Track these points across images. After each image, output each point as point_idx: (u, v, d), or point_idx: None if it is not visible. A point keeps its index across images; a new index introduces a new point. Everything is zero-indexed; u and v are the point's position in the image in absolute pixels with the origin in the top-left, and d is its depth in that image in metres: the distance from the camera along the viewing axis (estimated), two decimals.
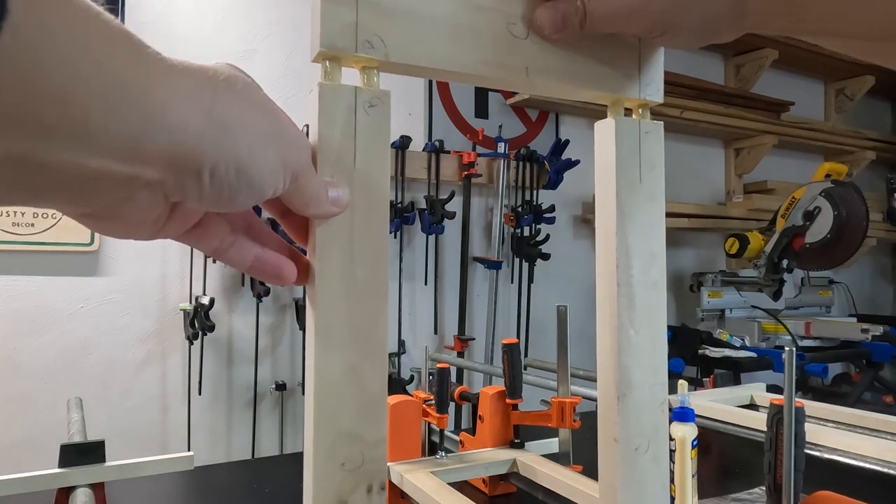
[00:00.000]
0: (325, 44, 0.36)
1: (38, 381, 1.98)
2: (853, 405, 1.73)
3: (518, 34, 0.40)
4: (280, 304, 2.33)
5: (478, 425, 1.06)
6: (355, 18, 0.36)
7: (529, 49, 0.41)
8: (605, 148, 0.45)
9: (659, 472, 0.45)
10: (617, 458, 0.44)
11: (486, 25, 0.40)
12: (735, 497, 0.97)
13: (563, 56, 0.42)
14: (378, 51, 0.37)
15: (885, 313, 3.99)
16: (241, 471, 1.24)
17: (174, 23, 2.18)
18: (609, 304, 0.44)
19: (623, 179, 0.44)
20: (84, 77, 0.24)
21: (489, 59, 0.40)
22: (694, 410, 0.84)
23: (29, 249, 1.96)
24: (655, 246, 0.45)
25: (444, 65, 0.39)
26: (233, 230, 0.37)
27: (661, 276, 0.45)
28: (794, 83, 3.76)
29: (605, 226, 0.45)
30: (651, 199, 0.45)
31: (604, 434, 0.45)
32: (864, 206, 2.56)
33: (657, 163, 0.46)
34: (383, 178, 0.38)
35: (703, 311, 2.90)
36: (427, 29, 0.38)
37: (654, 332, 0.45)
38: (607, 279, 0.45)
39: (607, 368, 0.44)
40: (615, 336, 0.44)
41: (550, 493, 0.89)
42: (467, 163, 2.55)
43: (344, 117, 0.37)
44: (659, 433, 0.45)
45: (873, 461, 1.00)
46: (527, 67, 0.41)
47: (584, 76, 0.43)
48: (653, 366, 0.45)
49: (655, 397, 0.45)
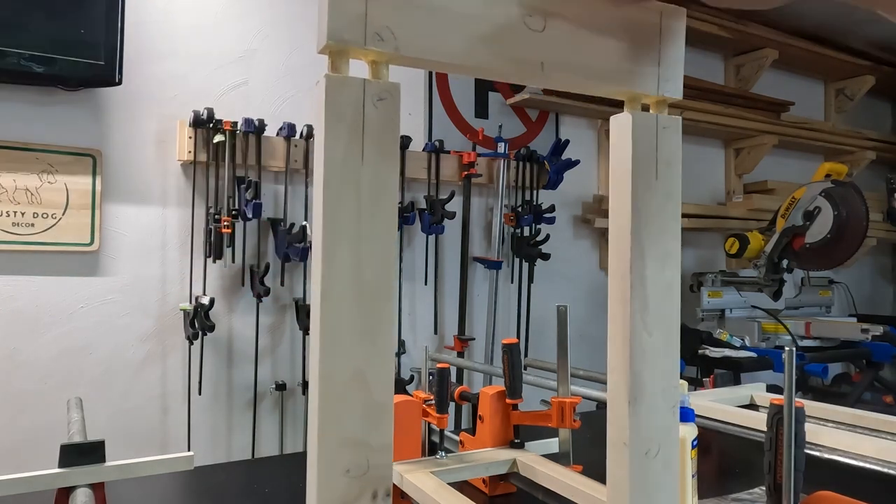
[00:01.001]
0: (332, 36, 0.34)
1: (38, 381, 1.98)
2: (853, 405, 1.74)
3: (535, 27, 0.38)
4: (280, 304, 2.33)
5: (478, 425, 1.06)
6: (364, 9, 0.35)
7: (546, 43, 0.39)
8: (620, 143, 0.43)
9: (669, 476, 0.44)
10: (626, 462, 0.43)
11: (501, 18, 0.38)
12: (735, 497, 0.97)
13: (581, 50, 0.40)
14: (388, 44, 0.35)
15: (885, 313, 3.99)
16: (241, 471, 1.24)
17: (174, 22, 2.17)
18: (622, 305, 0.43)
19: (639, 177, 0.43)
20: None
21: (504, 52, 0.38)
22: (694, 410, 0.84)
23: (29, 249, 1.96)
24: (671, 246, 0.44)
25: (457, 59, 0.37)
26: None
27: (676, 276, 0.44)
28: (794, 83, 3.76)
29: (619, 224, 0.43)
30: (667, 197, 0.44)
31: (613, 437, 0.44)
32: (864, 206, 2.56)
33: (674, 160, 0.44)
34: (393, 176, 0.36)
35: (703, 311, 2.90)
36: (439, 21, 0.36)
37: (668, 335, 0.44)
38: (620, 280, 0.43)
39: (618, 372, 0.43)
40: (627, 339, 0.42)
41: (550, 493, 0.89)
42: (467, 163, 2.55)
43: (352, 111, 0.35)
44: (670, 437, 0.44)
45: (873, 461, 1.00)
46: (542, 62, 0.39)
47: (601, 71, 0.41)
48: (666, 370, 0.44)
49: (667, 401, 0.44)
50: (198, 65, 2.21)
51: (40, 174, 1.97)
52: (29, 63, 1.81)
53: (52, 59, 1.83)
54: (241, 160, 2.16)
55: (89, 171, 2.03)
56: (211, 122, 2.09)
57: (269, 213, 2.26)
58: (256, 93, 2.31)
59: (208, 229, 2.13)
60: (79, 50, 1.87)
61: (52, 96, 1.99)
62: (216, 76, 2.24)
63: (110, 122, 2.09)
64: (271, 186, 2.29)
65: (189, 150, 2.10)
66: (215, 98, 2.22)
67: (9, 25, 1.79)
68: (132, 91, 2.09)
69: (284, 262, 2.26)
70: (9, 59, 1.78)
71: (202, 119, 2.08)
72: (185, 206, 2.16)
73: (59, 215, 1.99)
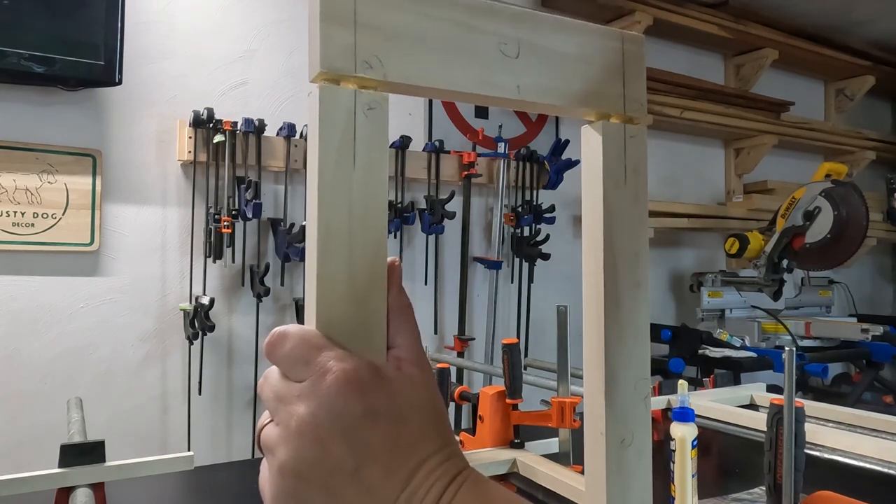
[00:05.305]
0: (324, 65, 0.37)
1: (38, 381, 1.98)
2: (853, 405, 1.74)
3: (509, 54, 0.42)
4: (280, 305, 2.33)
5: (478, 425, 1.06)
6: (353, 40, 0.38)
7: (520, 68, 0.42)
8: (591, 152, 0.47)
9: (642, 464, 0.47)
10: (603, 451, 0.46)
11: (479, 46, 0.41)
12: (735, 497, 0.98)
13: (552, 74, 0.44)
14: (377, 71, 0.38)
15: (885, 313, 3.99)
16: (241, 471, 1.24)
17: (174, 22, 2.17)
18: (595, 302, 0.46)
19: (609, 182, 0.46)
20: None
21: (483, 77, 0.41)
22: (694, 410, 0.84)
23: (29, 249, 1.96)
24: (639, 246, 0.47)
25: (440, 84, 0.40)
26: None
27: (645, 275, 0.47)
28: (794, 83, 3.76)
29: (592, 227, 0.47)
30: (635, 200, 0.47)
31: (590, 428, 0.47)
32: (864, 206, 2.56)
33: (641, 165, 0.48)
34: (382, 179, 0.39)
35: (703, 311, 2.90)
36: (423, 50, 0.40)
37: (637, 330, 0.47)
38: (594, 278, 0.46)
39: (593, 365, 0.46)
40: (602, 333, 0.45)
41: (550, 493, 0.89)
42: (467, 163, 2.55)
43: (343, 120, 0.38)
44: (643, 427, 0.47)
45: (873, 461, 1.00)
46: (518, 86, 0.42)
47: (571, 94, 0.45)
48: (637, 362, 0.47)
49: (639, 392, 0.47)
50: (198, 65, 2.21)
51: (40, 174, 1.97)
52: (29, 63, 1.81)
53: (52, 59, 1.83)
54: (241, 160, 2.16)
55: (89, 171, 2.03)
56: (211, 122, 2.09)
57: (269, 213, 2.26)
58: (256, 93, 2.31)
59: (208, 229, 2.13)
60: (79, 50, 1.87)
61: (52, 96, 1.99)
62: (216, 76, 2.24)
63: (110, 122, 2.09)
64: (271, 186, 2.29)
65: (189, 150, 2.10)
66: (215, 98, 2.22)
67: (9, 25, 1.79)
68: (132, 91, 2.09)
69: (284, 262, 2.26)
70: (9, 59, 1.78)
71: (202, 119, 2.08)
72: (185, 206, 2.16)
73: (59, 215, 1.99)
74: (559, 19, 0.45)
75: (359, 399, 0.35)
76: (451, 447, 0.37)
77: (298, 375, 0.36)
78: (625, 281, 0.46)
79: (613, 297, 0.46)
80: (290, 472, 0.34)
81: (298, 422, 0.34)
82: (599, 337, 0.46)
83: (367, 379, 0.35)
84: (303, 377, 0.36)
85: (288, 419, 0.35)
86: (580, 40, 0.45)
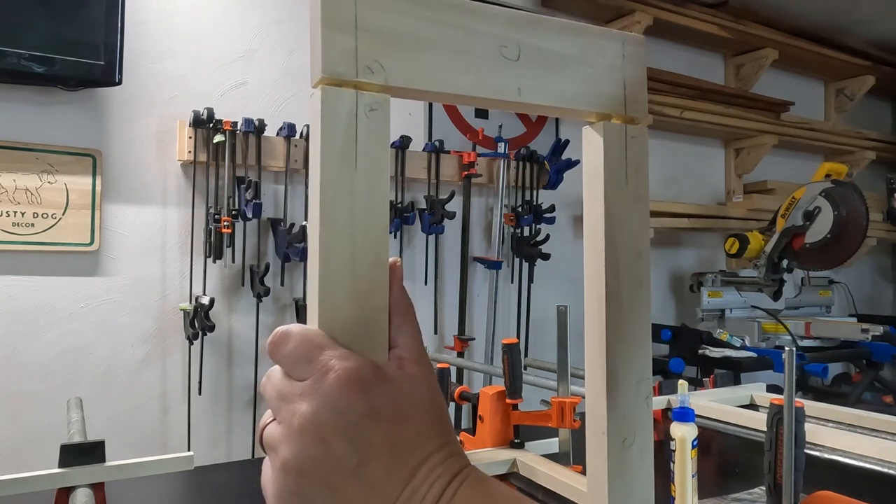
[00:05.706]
0: (326, 70, 0.37)
1: (38, 381, 1.98)
2: (853, 405, 1.74)
3: (510, 56, 0.42)
4: (280, 305, 2.33)
5: (478, 425, 1.06)
6: (355, 45, 0.38)
7: (521, 70, 0.43)
8: (592, 153, 0.47)
9: (644, 464, 0.47)
10: (605, 450, 0.46)
11: (480, 49, 0.41)
12: (735, 497, 0.98)
13: (552, 78, 0.44)
14: (378, 76, 0.38)
15: (885, 313, 3.99)
16: (241, 471, 1.24)
17: (174, 22, 2.17)
18: (597, 302, 0.46)
19: (610, 182, 0.46)
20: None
21: (484, 80, 0.42)
22: (694, 410, 0.84)
23: (29, 249, 1.96)
24: (641, 246, 0.47)
25: (441, 88, 0.40)
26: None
27: (646, 274, 0.48)
28: (794, 83, 3.76)
29: (594, 227, 0.47)
30: (637, 200, 0.47)
31: (592, 427, 0.47)
32: (864, 206, 2.56)
33: (642, 165, 0.48)
34: (383, 179, 0.39)
35: (703, 311, 2.90)
36: (424, 54, 0.40)
37: (639, 330, 0.47)
38: (595, 278, 0.47)
39: (595, 365, 0.47)
40: (603, 333, 0.46)
41: (550, 493, 0.89)
42: (467, 163, 2.55)
43: (345, 120, 0.38)
44: (645, 426, 0.47)
45: (873, 461, 1.00)
46: (519, 88, 0.43)
47: (572, 96, 0.45)
48: (638, 362, 0.47)
49: (641, 392, 0.47)
50: (198, 65, 2.21)
51: (40, 174, 1.97)
52: (29, 63, 1.81)
53: (52, 59, 1.83)
54: (241, 160, 2.16)
55: (89, 171, 2.03)
56: (211, 122, 2.09)
57: (269, 213, 2.26)
58: (256, 93, 2.31)
59: (208, 229, 2.13)
60: (79, 50, 1.87)
61: (52, 96, 1.99)
62: (216, 76, 2.24)
63: (110, 122, 2.09)
64: (271, 186, 2.29)
65: (189, 150, 2.10)
66: (215, 98, 2.22)
67: (9, 25, 1.79)
68: (132, 91, 2.09)
69: (284, 262, 2.26)
70: (9, 59, 1.78)
71: (202, 119, 2.08)
72: (185, 206, 2.16)
73: (59, 215, 1.99)
74: (559, 21, 0.45)
75: (361, 397, 0.35)
76: (453, 446, 0.38)
77: (301, 374, 0.36)
78: (627, 281, 0.46)
79: (615, 297, 0.46)
80: (293, 470, 0.35)
81: (301, 420, 0.35)
82: (601, 337, 0.46)
83: (370, 378, 0.35)
84: (305, 376, 0.36)
85: (290, 417, 0.35)
86: (580, 42, 0.45)
